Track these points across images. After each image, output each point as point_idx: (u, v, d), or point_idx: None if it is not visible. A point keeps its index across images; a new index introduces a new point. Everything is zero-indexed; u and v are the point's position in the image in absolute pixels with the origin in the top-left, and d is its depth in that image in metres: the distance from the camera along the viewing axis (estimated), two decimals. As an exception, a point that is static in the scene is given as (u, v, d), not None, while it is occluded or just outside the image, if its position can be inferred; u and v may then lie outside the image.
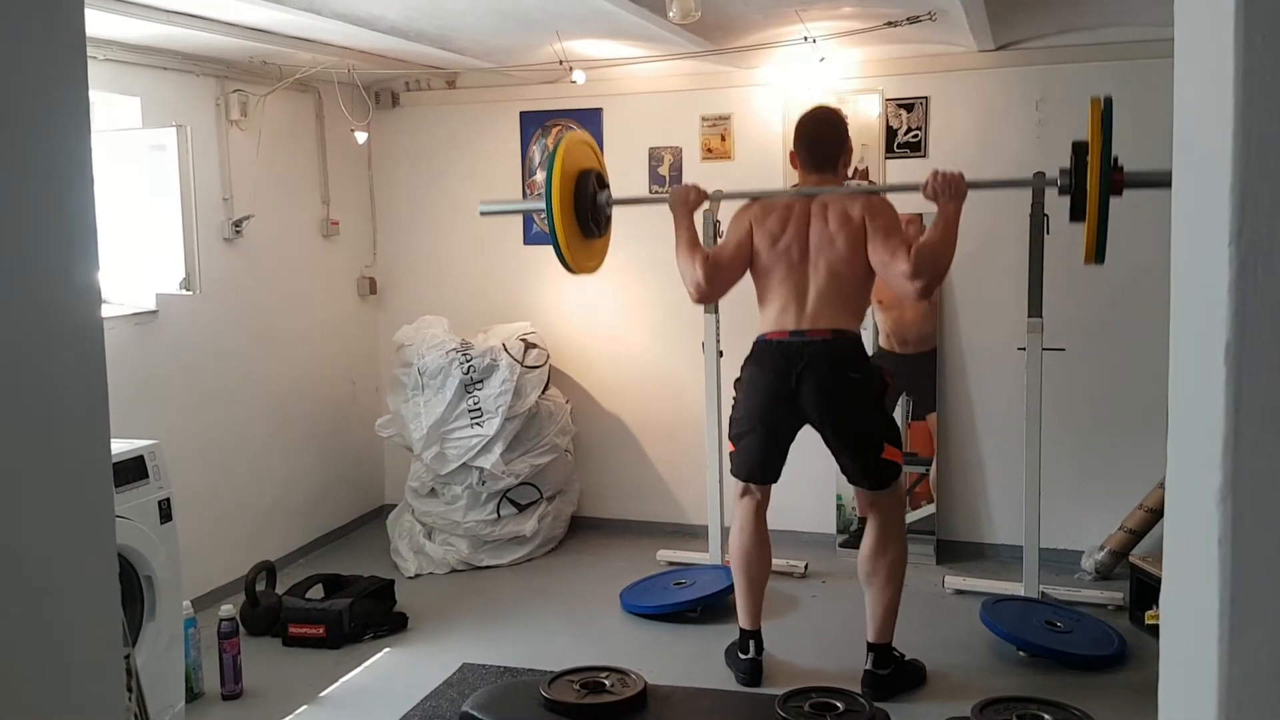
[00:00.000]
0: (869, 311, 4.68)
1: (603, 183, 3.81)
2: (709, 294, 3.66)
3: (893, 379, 3.58)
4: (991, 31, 4.29)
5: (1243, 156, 0.65)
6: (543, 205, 3.61)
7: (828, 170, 3.59)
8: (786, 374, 3.41)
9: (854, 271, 3.45)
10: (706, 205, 3.85)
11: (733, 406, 3.68)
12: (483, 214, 4.27)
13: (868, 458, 3.50)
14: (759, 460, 3.60)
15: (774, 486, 3.71)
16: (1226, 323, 0.67)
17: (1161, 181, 3.36)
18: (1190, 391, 0.78)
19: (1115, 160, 3.19)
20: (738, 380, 3.64)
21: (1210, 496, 0.70)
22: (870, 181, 4.89)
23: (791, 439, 3.58)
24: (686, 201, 3.68)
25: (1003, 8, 3.93)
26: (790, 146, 3.71)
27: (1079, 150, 3.28)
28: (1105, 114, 3.18)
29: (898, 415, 4.84)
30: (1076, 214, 3.33)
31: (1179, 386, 0.83)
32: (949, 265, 3.37)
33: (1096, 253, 3.24)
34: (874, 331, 4.85)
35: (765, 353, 3.49)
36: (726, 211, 4.65)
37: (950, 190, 3.35)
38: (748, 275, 3.65)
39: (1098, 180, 3.14)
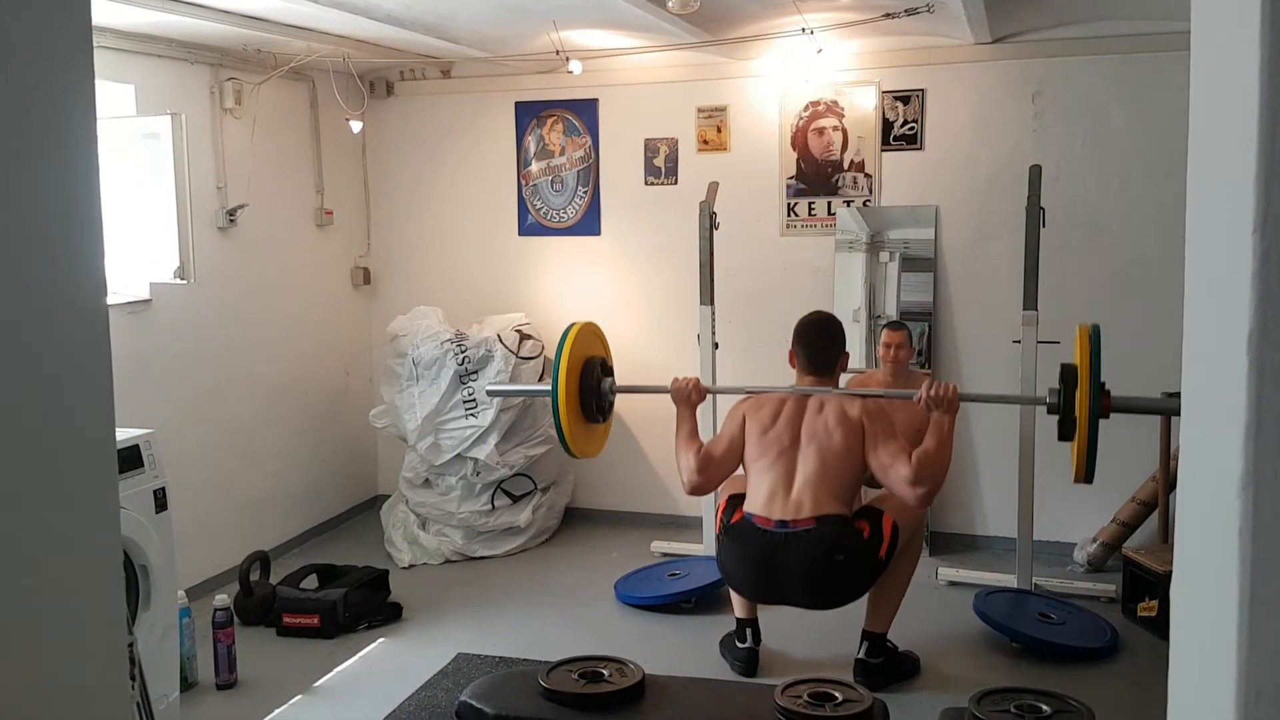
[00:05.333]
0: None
1: (607, 370, 3.86)
2: (700, 485, 3.70)
3: (869, 526, 3.57)
4: (988, 24, 4.29)
5: (1268, 145, 0.65)
6: (549, 389, 3.67)
7: (825, 373, 3.68)
8: (770, 564, 3.44)
9: (846, 464, 3.47)
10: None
11: (718, 562, 3.72)
12: (489, 394, 4.46)
13: (867, 585, 3.53)
14: (757, 602, 3.70)
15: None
16: (1249, 311, 0.67)
17: (1147, 408, 3.42)
18: (1207, 382, 0.78)
19: (1102, 385, 3.22)
20: (719, 547, 3.66)
21: (1230, 486, 0.69)
22: (866, 175, 4.89)
23: None
24: (688, 399, 3.76)
25: (1000, 0, 3.93)
26: (793, 333, 3.75)
27: (1068, 374, 3.32)
28: (1094, 341, 3.23)
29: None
30: (1065, 434, 3.37)
31: (1194, 377, 0.83)
32: (947, 471, 3.43)
33: (1086, 473, 3.28)
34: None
35: (751, 536, 3.49)
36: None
37: (945, 404, 3.41)
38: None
39: (1087, 405, 3.18)
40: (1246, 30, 0.66)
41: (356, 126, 5.19)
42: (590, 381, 3.71)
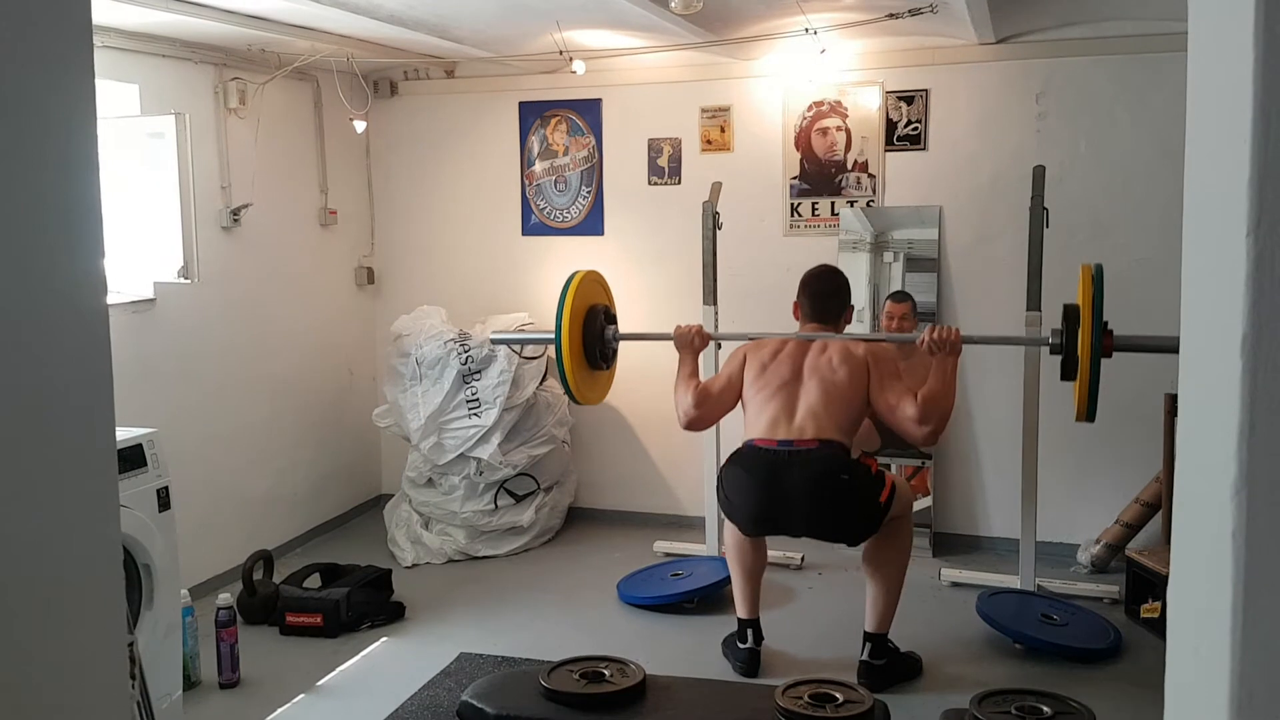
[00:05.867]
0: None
1: (611, 318, 3.89)
2: (696, 420, 3.72)
3: (876, 463, 3.58)
4: (992, 24, 4.28)
5: (1261, 147, 0.65)
6: (552, 338, 3.71)
7: (829, 323, 3.71)
8: (773, 482, 3.42)
9: (850, 399, 3.49)
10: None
11: (719, 496, 3.71)
12: (493, 343, 4.41)
13: (870, 524, 3.52)
14: (755, 530, 3.66)
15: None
16: (1243, 315, 0.67)
17: (1149, 346, 3.40)
18: (1203, 384, 0.78)
19: (1105, 324, 3.23)
20: (721, 487, 3.63)
21: (1224, 490, 0.69)
22: (870, 175, 4.89)
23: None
24: (691, 345, 3.79)
25: (1004, 0, 3.93)
26: (796, 295, 3.79)
27: (1070, 314, 3.33)
28: (1096, 280, 3.23)
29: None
30: (1068, 374, 3.39)
31: (1190, 379, 0.83)
32: (951, 410, 3.47)
33: (1088, 412, 3.30)
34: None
35: (753, 457, 3.48)
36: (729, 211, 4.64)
37: (947, 346, 3.44)
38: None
39: (1089, 345, 3.19)
40: (1240, 35, 0.66)
41: (360, 126, 5.19)
42: (594, 329, 3.75)
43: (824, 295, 3.71)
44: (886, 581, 3.57)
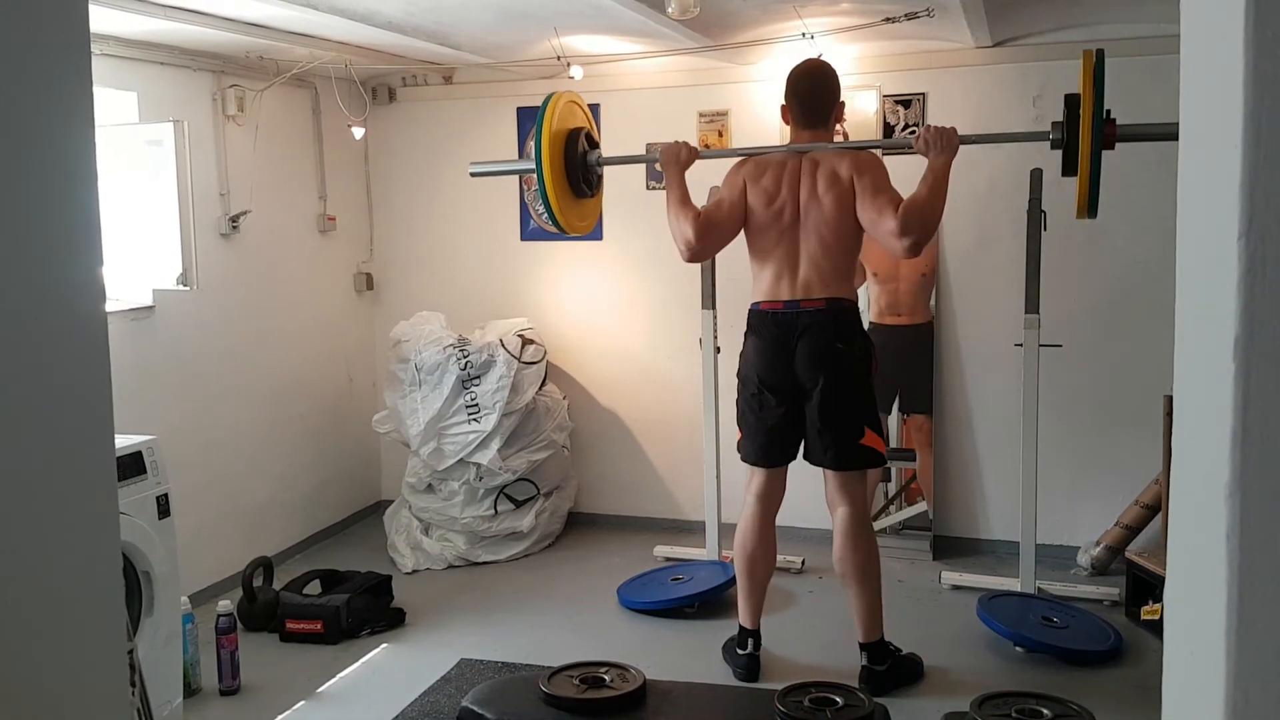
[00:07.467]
0: (864, 284, 4.80)
1: (592, 142, 3.79)
2: (699, 251, 3.60)
3: (877, 362, 3.57)
4: (989, 27, 4.29)
5: (1252, 152, 0.65)
6: (533, 165, 3.60)
7: (819, 125, 3.57)
8: (784, 340, 3.48)
9: (842, 233, 3.44)
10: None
11: (738, 394, 3.68)
12: (473, 175, 4.24)
13: (842, 435, 3.48)
14: (765, 439, 3.57)
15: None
16: (1235, 317, 0.67)
17: (1153, 134, 3.29)
18: (1197, 386, 0.79)
19: (1108, 113, 3.14)
20: (742, 356, 3.64)
21: (1218, 491, 0.70)
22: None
23: (796, 415, 3.54)
24: (678, 160, 3.64)
25: (1000, 4, 3.94)
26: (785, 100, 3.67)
27: (1071, 103, 3.22)
28: (1098, 67, 3.11)
29: (892, 419, 4.85)
30: (1069, 168, 3.26)
31: (1185, 381, 0.84)
32: (938, 221, 3.36)
33: (1089, 207, 3.20)
34: (867, 304, 4.85)
35: (762, 322, 3.55)
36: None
37: (941, 143, 3.30)
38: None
39: (1090, 134, 3.08)
40: (1231, 40, 0.67)
41: (359, 133, 5.21)
42: (575, 153, 3.67)
43: (813, 96, 3.55)
44: (863, 589, 3.54)
